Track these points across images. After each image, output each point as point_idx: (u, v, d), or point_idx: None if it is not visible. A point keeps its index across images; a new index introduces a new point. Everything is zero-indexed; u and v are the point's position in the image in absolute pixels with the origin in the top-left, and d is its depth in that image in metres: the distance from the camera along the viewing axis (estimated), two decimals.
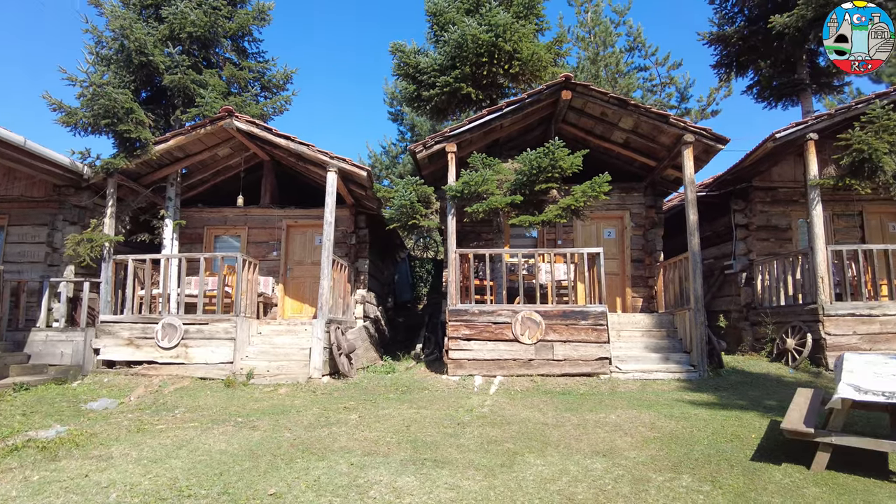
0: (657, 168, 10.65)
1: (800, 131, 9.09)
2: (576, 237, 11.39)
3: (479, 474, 4.36)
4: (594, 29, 19.85)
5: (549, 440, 5.31)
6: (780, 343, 9.23)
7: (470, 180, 8.32)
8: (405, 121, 22.08)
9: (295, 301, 11.60)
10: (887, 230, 11.55)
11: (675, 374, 8.27)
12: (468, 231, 11.30)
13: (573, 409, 6.54)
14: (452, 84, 10.24)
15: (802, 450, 4.74)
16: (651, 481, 4.22)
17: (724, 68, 14.19)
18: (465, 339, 8.46)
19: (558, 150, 8.13)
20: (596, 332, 8.40)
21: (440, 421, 6.04)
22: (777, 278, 10.07)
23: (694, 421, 5.91)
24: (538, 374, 8.30)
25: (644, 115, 9.12)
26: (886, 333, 8.68)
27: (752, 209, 11.22)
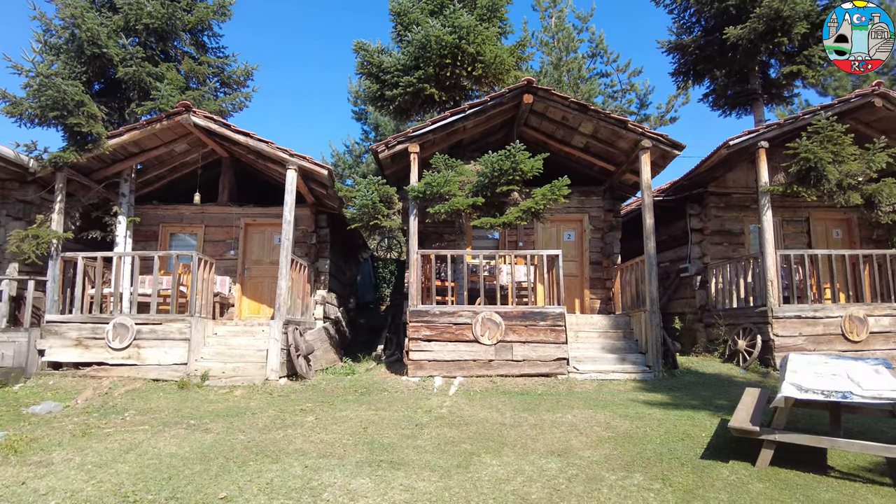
0: (616, 172, 10.87)
1: (752, 139, 9.40)
2: (536, 239, 11.51)
3: (435, 475, 4.35)
4: (557, 34, 20.13)
5: (505, 440, 5.35)
6: (732, 344, 9.53)
7: (432, 181, 8.32)
8: (369, 120, 21.94)
9: (252, 301, 11.39)
10: (831, 236, 12.06)
11: (631, 374, 8.44)
12: (431, 232, 11.29)
13: (531, 409, 6.60)
14: (416, 84, 10.23)
15: (749, 447, 4.90)
16: (604, 480, 4.29)
17: (681, 76, 14.57)
18: (426, 339, 8.45)
19: (519, 153, 8.20)
20: (554, 333, 8.50)
21: (398, 422, 6.01)
22: (730, 281, 10.39)
23: (648, 420, 6.04)
24: (497, 374, 8.36)
25: (603, 120, 9.29)
26: (829, 335, 9.06)
27: (706, 214, 11.56)
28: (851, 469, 4.58)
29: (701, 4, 13.14)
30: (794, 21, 11.62)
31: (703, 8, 13.17)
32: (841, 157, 8.84)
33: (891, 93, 9.68)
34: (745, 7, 12.25)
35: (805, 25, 11.80)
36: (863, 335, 9.03)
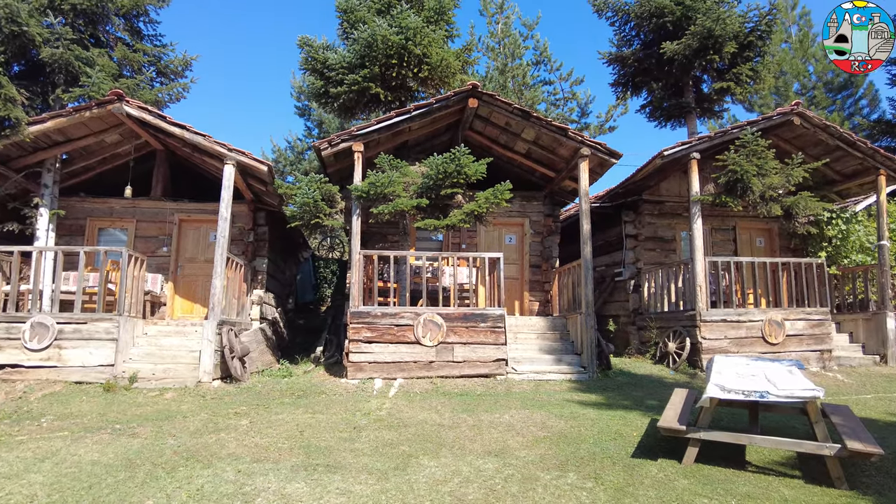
0: (556, 179, 11.14)
1: (684, 150, 9.85)
2: (479, 242, 11.65)
3: (372, 478, 4.33)
4: (504, 40, 20.43)
5: (444, 442, 5.38)
6: (663, 346, 9.94)
7: (376, 181, 8.27)
8: (312, 116, 21.57)
9: (186, 300, 10.96)
10: (755, 244, 12.80)
11: (567, 374, 8.67)
12: (374, 232, 11.22)
13: (470, 410, 6.67)
14: (361, 83, 10.13)
15: (677, 445, 5.13)
16: (539, 480, 4.39)
17: (621, 87, 15.10)
18: (367, 341, 8.39)
19: (464, 156, 8.27)
20: (494, 335, 8.62)
21: (336, 425, 5.94)
22: (662, 286, 10.85)
23: (582, 420, 6.22)
24: (438, 375, 8.40)
25: (545, 127, 9.50)
26: (751, 338, 9.60)
27: (641, 221, 12.01)
28: (767, 464, 4.88)
29: (640, 19, 13.66)
30: (725, 40, 12.28)
31: (643, 22, 13.70)
32: (764, 171, 9.40)
33: (808, 112, 10.37)
34: (681, 24, 12.84)
35: (734, 45, 12.49)
36: (780, 338, 9.62)
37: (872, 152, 10.73)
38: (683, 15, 12.84)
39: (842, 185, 11.88)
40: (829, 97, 21.64)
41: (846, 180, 11.73)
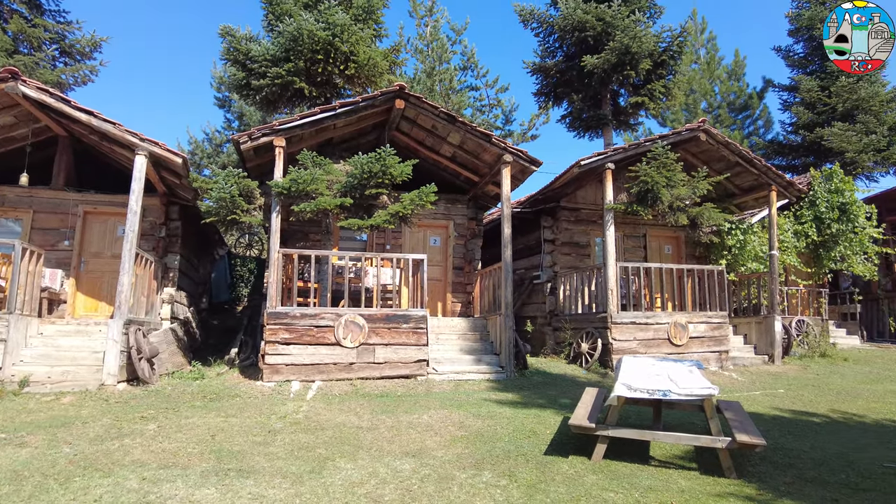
0: (480, 183, 11.35)
1: (600, 161, 10.32)
2: (404, 242, 11.66)
3: (287, 482, 4.24)
4: (432, 43, 20.56)
5: (361, 444, 5.35)
6: (576, 347, 10.36)
7: (298, 178, 8.09)
8: (233, 108, 20.77)
9: (90, 298, 10.25)
10: (664, 251, 13.60)
11: (486, 374, 8.85)
12: (295, 230, 10.96)
13: (389, 411, 6.66)
14: (285, 77, 9.89)
15: (587, 442, 5.36)
16: (455, 479, 4.46)
17: (543, 97, 15.61)
18: (285, 343, 8.18)
19: (389, 157, 8.26)
20: (416, 336, 8.66)
21: (250, 429, 5.76)
22: (576, 289, 11.29)
23: (499, 419, 6.37)
24: (358, 377, 8.33)
25: (470, 132, 9.66)
26: (658, 339, 10.19)
27: (558, 226, 12.46)
28: (668, 458, 5.20)
29: (563, 31, 14.19)
30: (641, 57, 12.99)
31: (566, 35, 14.24)
32: (673, 182, 10.01)
33: (713, 129, 11.15)
34: (601, 39, 13.45)
35: (649, 63, 13.23)
36: (684, 340, 10.28)
37: (766, 169, 11.69)
38: (603, 31, 13.47)
39: (740, 198, 12.84)
40: (731, 116, 23.39)
41: (744, 194, 12.70)
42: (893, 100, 18.88)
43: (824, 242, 14.12)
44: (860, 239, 14.08)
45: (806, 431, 6.26)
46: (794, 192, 12.19)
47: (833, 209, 13.99)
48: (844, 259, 14.21)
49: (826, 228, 13.95)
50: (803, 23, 20.03)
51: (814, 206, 14.14)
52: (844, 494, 4.28)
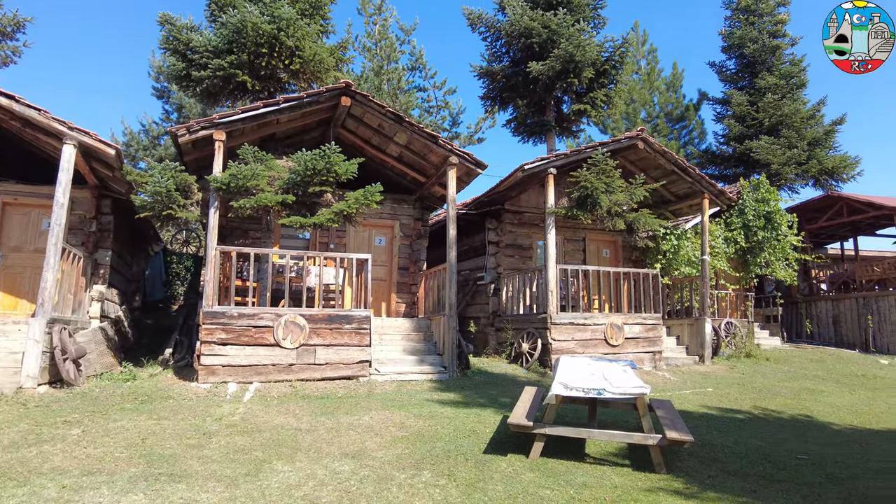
0: (426, 184, 11.38)
1: (543, 166, 10.54)
2: (348, 242, 11.53)
3: (221, 486, 4.12)
4: (381, 42, 20.45)
5: (300, 446, 5.26)
6: (517, 347, 10.54)
7: (238, 173, 7.87)
8: (172, 99, 19.99)
9: (9, 295, 9.61)
10: (602, 255, 14.03)
11: (429, 375, 8.87)
12: (234, 227, 10.66)
13: (329, 412, 6.57)
14: (227, 69, 9.61)
15: (525, 441, 5.46)
16: (394, 479, 4.45)
17: (490, 101, 15.81)
18: (221, 343, 7.93)
19: (334, 154, 8.16)
20: (359, 336, 8.58)
21: (183, 432, 5.56)
22: (518, 290, 11.49)
23: (440, 419, 6.39)
24: (298, 378, 8.17)
25: (417, 133, 9.67)
26: (595, 340, 10.49)
27: (502, 229, 12.65)
28: (603, 455, 5.37)
29: (510, 37, 14.42)
30: (584, 66, 13.35)
31: (512, 41, 14.46)
32: (611, 188, 10.34)
33: (650, 138, 11.60)
34: (546, 47, 13.74)
35: (592, 71, 13.62)
36: (620, 340, 10.63)
37: (700, 178, 12.25)
38: (549, 38, 13.77)
39: (675, 205, 13.40)
40: (669, 126, 24.39)
41: (679, 201, 13.26)
42: (813, 117, 20.21)
43: (751, 249, 14.94)
44: (783, 246, 14.98)
45: (731, 427, 6.60)
46: (725, 200, 12.83)
47: (759, 217, 14.82)
48: (769, 265, 15.08)
49: (753, 236, 14.76)
50: (735, 41, 21.16)
51: (742, 214, 14.93)
52: (761, 485, 4.54)
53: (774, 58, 20.65)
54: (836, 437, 6.42)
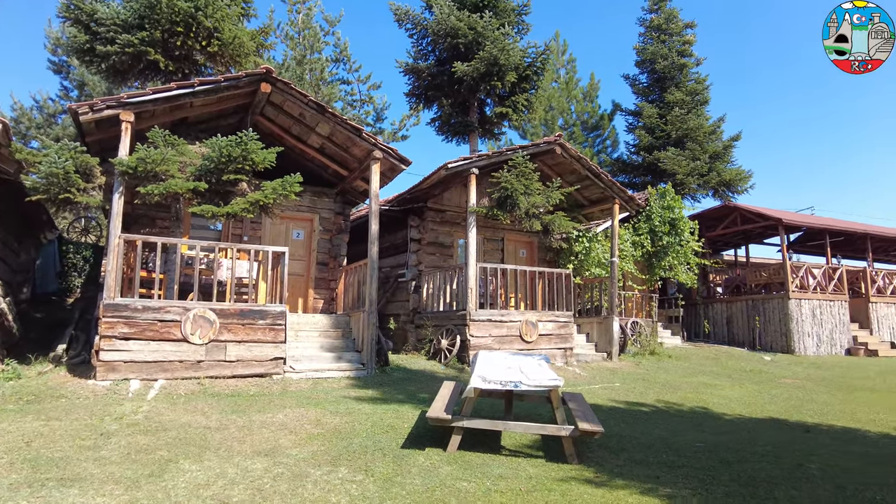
0: (348, 178, 11.20)
1: (466, 165, 10.68)
2: (264, 235, 11.13)
3: (120, 488, 3.85)
4: (304, 31, 19.91)
5: (209, 444, 5.02)
6: (437, 343, 10.61)
7: (147, 157, 7.39)
8: (73, 75, 18.46)
9: None
10: (519, 255, 14.40)
11: (347, 372, 8.74)
12: (141, 215, 10.00)
13: (240, 410, 6.32)
14: (138, 46, 8.98)
15: (443, 435, 5.51)
16: (309, 476, 4.35)
17: (415, 98, 15.81)
18: (123, 338, 7.41)
19: (252, 141, 7.85)
20: (273, 332, 8.30)
21: (77, 433, 5.15)
22: (439, 288, 11.57)
23: (357, 415, 6.32)
24: (207, 376, 7.79)
25: (340, 124, 9.50)
26: (511, 336, 10.76)
27: (425, 226, 12.69)
28: (518, 447, 5.51)
29: (437, 36, 14.48)
30: (507, 69, 13.64)
31: (439, 39, 14.54)
32: (530, 191, 10.64)
33: (567, 144, 12.04)
34: (472, 48, 13.92)
35: (514, 76, 13.94)
36: (534, 337, 10.96)
37: (611, 184, 12.86)
38: (475, 40, 13.96)
39: (588, 209, 13.99)
40: (584, 134, 25.45)
41: (592, 205, 13.86)
42: (714, 132, 21.78)
43: (657, 253, 15.87)
44: (685, 251, 16.03)
45: (637, 420, 6.97)
46: (634, 206, 13.54)
47: (665, 223, 15.77)
48: (672, 268, 16.08)
49: (658, 240, 15.69)
50: (647, 56, 22.42)
51: (649, 220, 15.82)
52: (664, 472, 4.83)
53: (682, 75, 22.07)
54: (728, 427, 6.94)
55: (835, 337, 17.15)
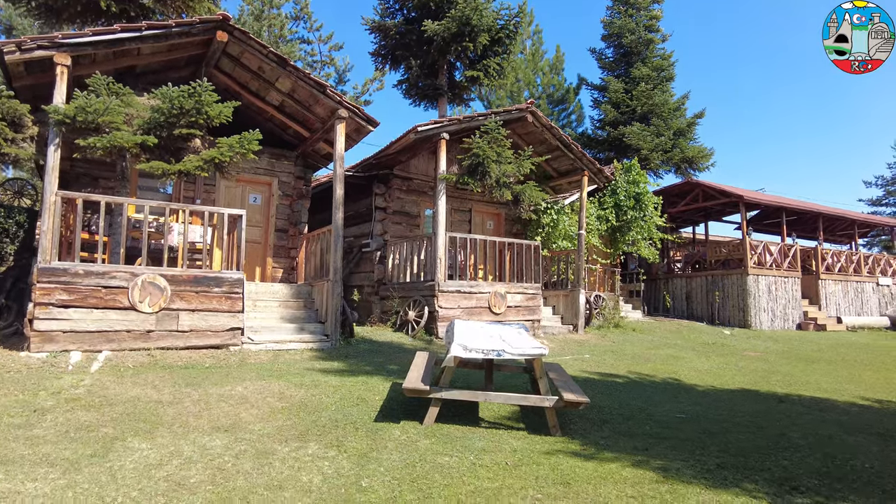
0: (310, 139, 10.55)
1: (436, 129, 10.19)
2: (218, 198, 10.40)
3: (56, 471, 3.34)
4: None
5: (161, 420, 4.52)
6: (404, 315, 10.22)
7: (88, 106, 6.62)
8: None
9: None
10: (486, 226, 14.09)
11: (309, 343, 8.27)
12: (81, 174, 9.14)
13: (195, 384, 5.80)
14: None
15: (418, 407, 5.17)
16: (276, 453, 3.94)
17: (381, 58, 15.10)
18: (62, 305, 6.71)
19: (206, 93, 7.17)
20: (230, 301, 7.73)
21: (6, 409, 4.57)
22: (406, 258, 11.14)
23: (323, 388, 5.90)
24: (158, 347, 7.18)
25: (302, 79, 8.84)
26: (480, 307, 10.47)
27: (390, 195, 12.18)
28: (496, 419, 5.22)
29: None
30: (480, 31, 13.12)
31: None
32: (501, 159, 10.26)
33: (539, 112, 11.69)
34: (443, 7, 13.32)
35: (487, 38, 13.43)
36: (503, 309, 10.71)
37: (581, 155, 12.62)
38: None
39: (557, 181, 13.74)
40: (550, 108, 25.17)
41: (560, 177, 13.61)
42: (678, 109, 21.85)
43: (621, 227, 15.83)
44: (649, 226, 16.04)
45: (613, 391, 6.80)
46: (603, 178, 13.37)
47: (630, 198, 15.71)
48: (635, 243, 16.09)
49: (623, 215, 15.63)
50: (615, 30, 22.20)
51: (615, 194, 15.74)
52: (651, 443, 4.62)
53: (648, 51, 21.98)
54: (704, 398, 6.85)
55: (787, 312, 17.63)
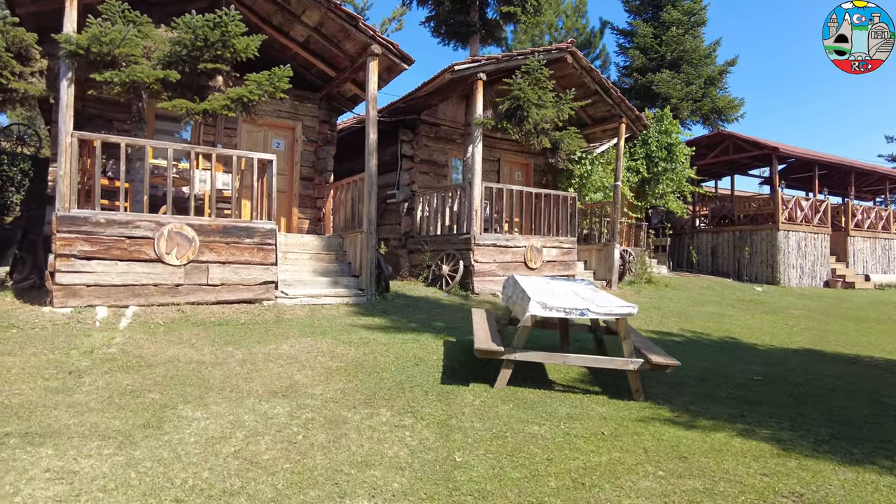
0: (337, 79, 9.78)
1: (474, 68, 9.43)
2: (239, 143, 9.73)
3: (111, 445, 2.89)
4: None
5: (209, 384, 4.07)
6: (437, 269, 9.72)
7: (103, 35, 5.93)
8: None
9: None
10: (515, 177, 13.45)
11: (345, 298, 7.80)
12: (94, 115, 8.48)
13: (235, 342, 5.35)
14: None
15: (482, 368, 4.73)
16: (348, 422, 3.50)
17: None
18: (85, 257, 6.19)
19: (233, 23, 6.46)
20: (262, 253, 7.21)
21: (39, 371, 4.11)
22: (436, 210, 10.56)
23: (374, 346, 5.45)
24: (188, 302, 6.70)
25: (333, 10, 8.03)
26: (515, 262, 9.96)
27: (418, 142, 11.50)
28: (568, 382, 4.78)
29: None
30: None
31: None
32: (542, 102, 9.54)
33: (578, 52, 10.86)
34: None
35: None
36: (539, 263, 10.20)
37: (620, 101, 11.84)
38: None
39: (591, 129, 12.96)
40: None
41: (595, 125, 12.84)
42: (709, 56, 20.76)
43: (650, 179, 15.15)
44: (679, 178, 15.36)
45: (674, 351, 6.34)
46: (641, 125, 12.62)
47: (662, 149, 14.97)
48: (664, 196, 15.45)
49: (654, 166, 14.93)
50: None
51: (646, 144, 14.99)
52: (745, 410, 4.19)
53: None
54: (769, 357, 6.42)
55: (815, 269, 17.14)
